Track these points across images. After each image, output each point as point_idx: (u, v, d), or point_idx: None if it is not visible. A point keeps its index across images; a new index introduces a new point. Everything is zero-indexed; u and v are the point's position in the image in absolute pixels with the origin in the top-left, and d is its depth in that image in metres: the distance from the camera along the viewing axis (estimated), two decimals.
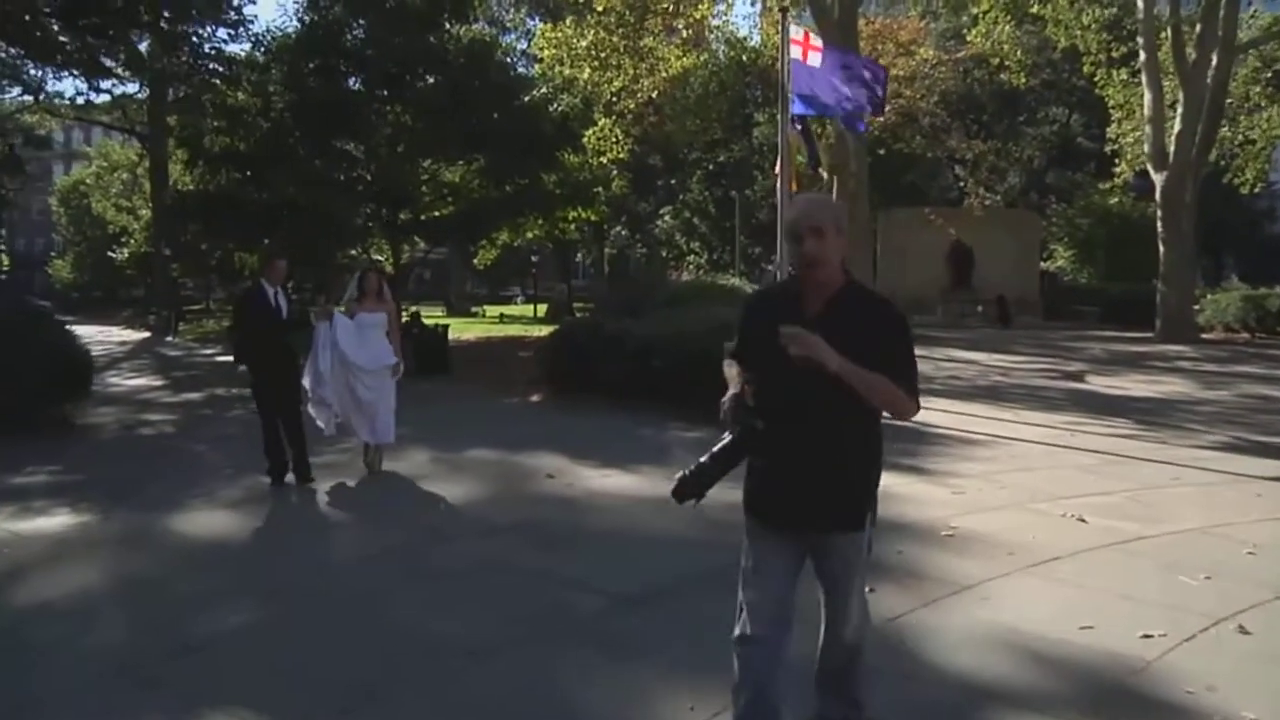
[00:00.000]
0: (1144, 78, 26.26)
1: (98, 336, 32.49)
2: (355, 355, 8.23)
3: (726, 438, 3.12)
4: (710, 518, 4.09)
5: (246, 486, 8.05)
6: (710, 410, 3.42)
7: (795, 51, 12.93)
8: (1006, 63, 30.32)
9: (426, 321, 21.72)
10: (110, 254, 52.82)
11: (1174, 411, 12.44)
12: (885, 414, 3.25)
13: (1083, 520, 6.61)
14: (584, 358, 13.15)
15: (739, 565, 3.25)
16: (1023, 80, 31.68)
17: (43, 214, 71.97)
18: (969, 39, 31.80)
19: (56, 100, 41.98)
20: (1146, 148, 26.73)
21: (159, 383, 18.08)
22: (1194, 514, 6.84)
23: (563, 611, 4.94)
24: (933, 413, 12.14)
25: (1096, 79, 30.08)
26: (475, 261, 46.94)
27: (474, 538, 6.47)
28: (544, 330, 20.90)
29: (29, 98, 40.68)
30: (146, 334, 36.53)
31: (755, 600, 3.14)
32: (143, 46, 26.79)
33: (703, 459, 3.10)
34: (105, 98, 36.83)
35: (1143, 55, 26.17)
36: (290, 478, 8.02)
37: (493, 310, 50.22)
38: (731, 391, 3.19)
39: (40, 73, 33.70)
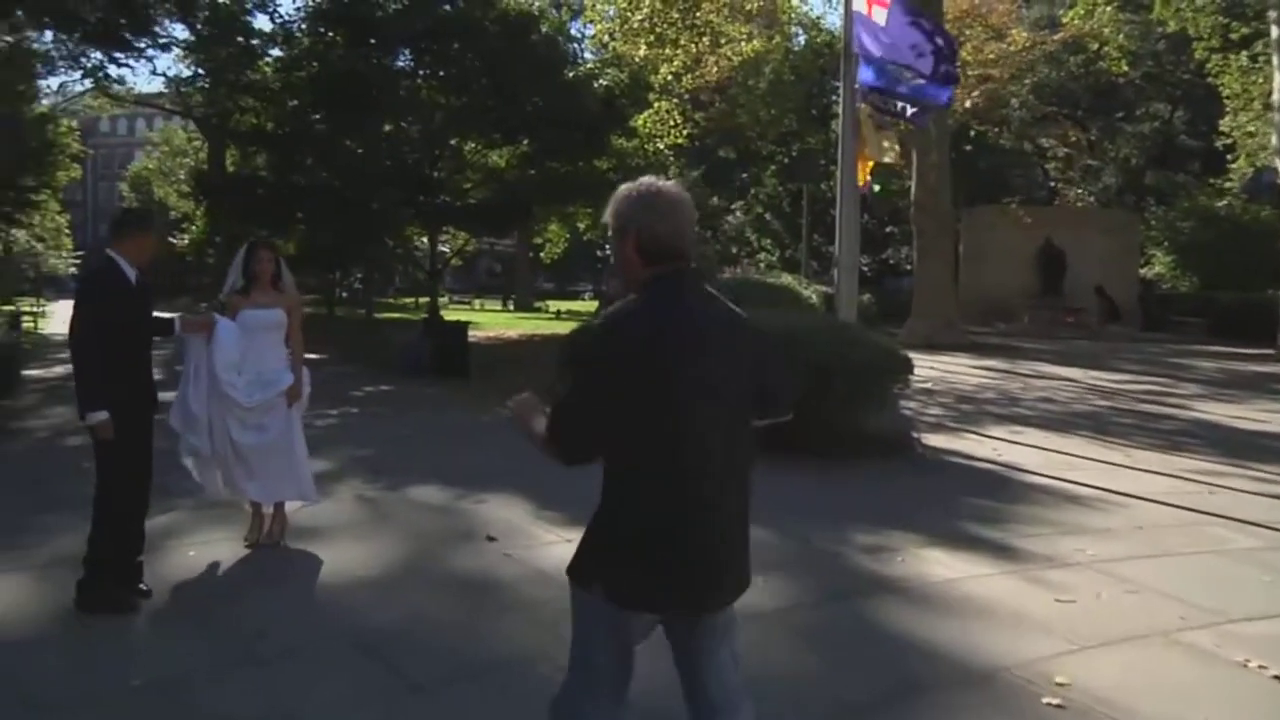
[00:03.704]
0: (1275, 58, 23.04)
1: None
2: (228, 376, 5.70)
3: None
4: None
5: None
6: None
7: (859, 3, 10.65)
8: (1106, 48, 27.55)
9: (447, 318, 19.79)
10: (170, 240, 52.35)
11: None
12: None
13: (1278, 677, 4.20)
14: None
15: None
16: (1124, 68, 28.84)
17: (120, 201, 72.10)
18: (1065, 21, 28.94)
19: (116, 86, 41.11)
20: (1275, 139, 23.57)
21: (158, 377, 16.34)
22: None
23: None
24: (1021, 449, 9.73)
25: (1209, 66, 27.11)
26: (542, 255, 45.42)
27: (302, 662, 4.27)
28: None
29: (89, 82, 39.92)
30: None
31: None
32: (180, 30, 25.35)
33: None
34: (158, 82, 35.77)
35: (1275, 31, 22.94)
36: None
37: (559, 306, 48.23)
38: None
39: (100, 57, 32.71)
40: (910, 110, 11.04)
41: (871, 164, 12.45)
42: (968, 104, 27.68)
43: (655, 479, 2.44)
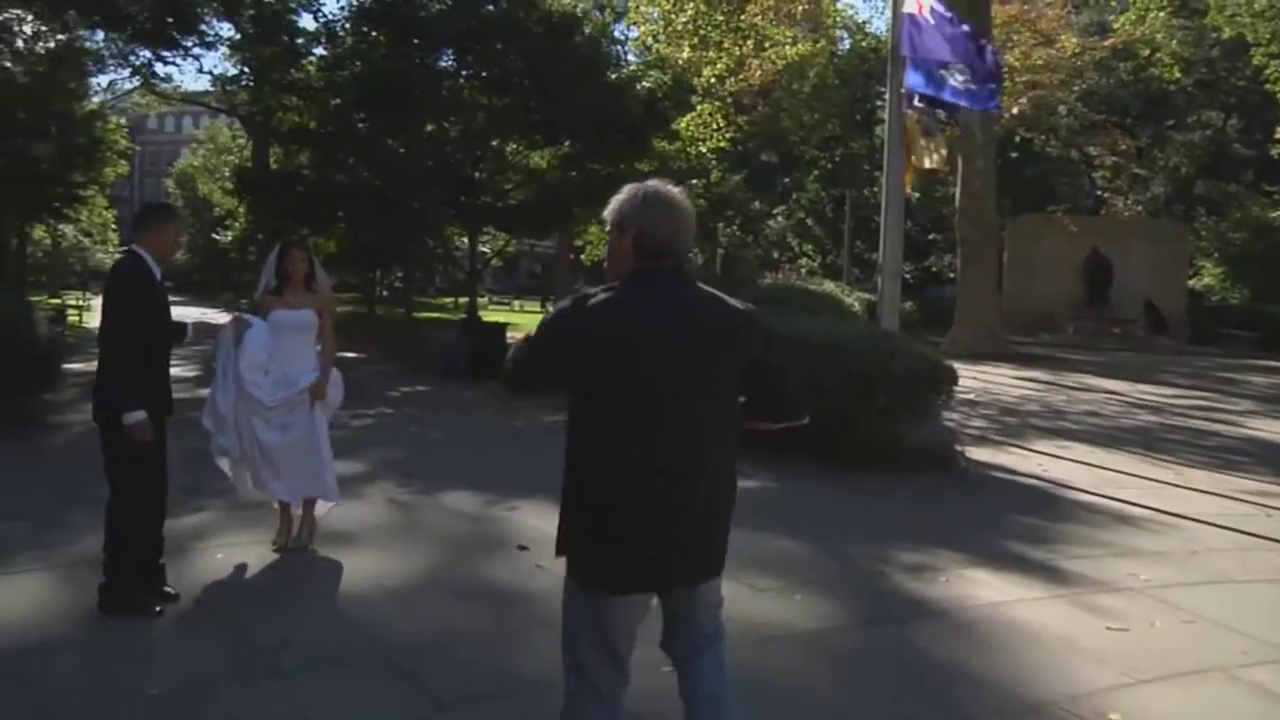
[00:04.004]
0: None
1: (186, 319, 31.62)
2: (253, 376, 5.63)
3: None
4: None
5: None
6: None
7: (910, 3, 10.42)
8: (1158, 55, 27.05)
9: (486, 319, 19.73)
10: (214, 236, 53.04)
11: None
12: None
13: None
14: None
15: None
16: (1176, 75, 28.31)
17: (165, 197, 72.97)
18: (1116, 26, 28.43)
19: (163, 84, 41.53)
20: None
21: (191, 374, 16.35)
22: None
23: None
24: (1068, 465, 9.47)
25: (1267, 72, 26.53)
26: (582, 257, 45.33)
27: (319, 670, 4.16)
28: None
29: (137, 80, 40.35)
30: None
31: None
32: (226, 29, 25.54)
33: None
34: (204, 80, 36.16)
35: None
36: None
37: None
38: None
39: (148, 55, 33.09)
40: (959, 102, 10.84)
41: (915, 169, 12.23)
42: (1015, 110, 27.26)
43: (607, 453, 2.57)
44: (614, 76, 21.02)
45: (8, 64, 26.19)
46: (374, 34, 20.66)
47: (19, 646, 4.31)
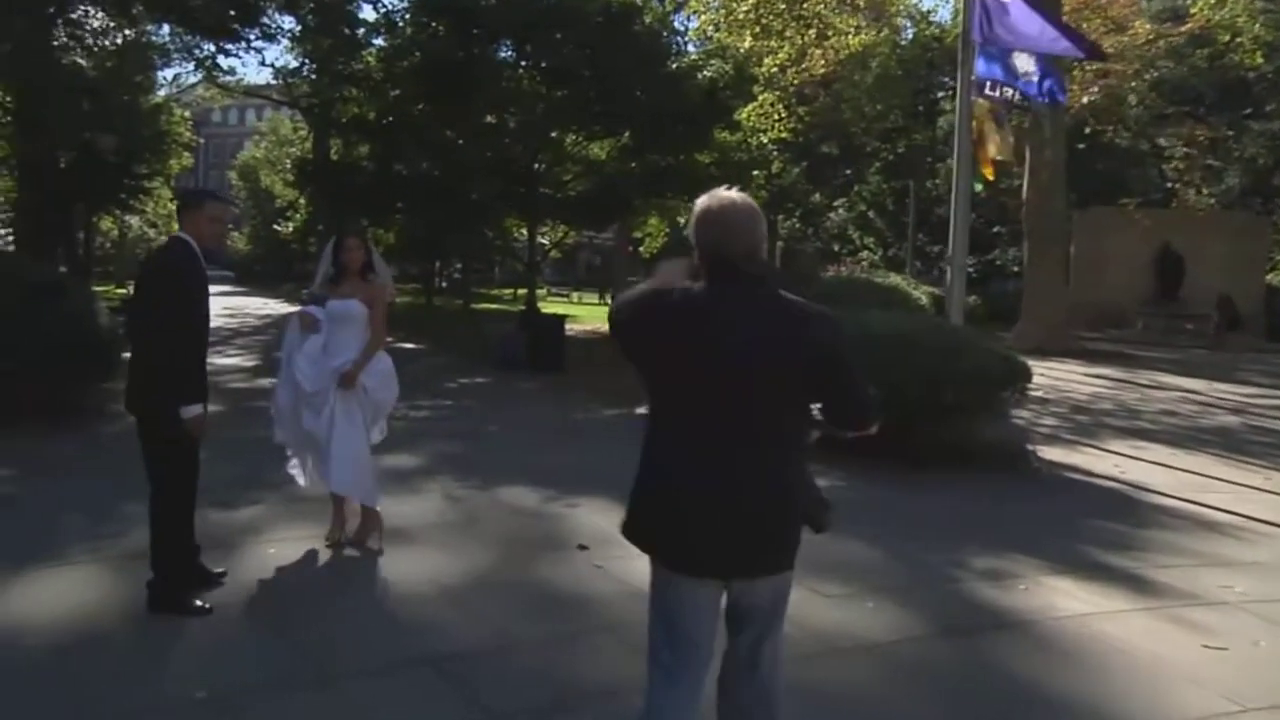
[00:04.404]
0: None
1: (249, 308, 32.05)
2: (303, 364, 5.60)
3: None
4: None
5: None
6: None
7: None
8: (1238, 40, 26.09)
9: (545, 311, 19.60)
10: (275, 228, 53.67)
11: None
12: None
13: None
14: None
15: None
16: (1258, 61, 27.28)
17: (229, 188, 74.07)
18: (1194, 11, 27.48)
19: (226, 76, 42.07)
20: None
21: (251, 363, 16.42)
22: None
23: None
24: (1146, 466, 9.09)
25: None
26: (642, 249, 45.12)
27: (367, 677, 3.96)
28: None
29: (201, 73, 40.91)
30: (297, 308, 35.91)
31: None
32: (288, 21, 25.72)
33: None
34: (266, 73, 36.57)
35: None
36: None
37: None
38: None
39: (211, 48, 33.56)
40: (1044, 93, 10.51)
41: (984, 160, 11.88)
42: (1085, 100, 26.51)
43: (668, 442, 2.73)
44: (674, 66, 20.74)
45: (78, 59, 26.60)
46: (434, 24, 20.59)
47: (70, 644, 4.19)
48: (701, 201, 2.82)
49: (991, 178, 11.44)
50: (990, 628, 4.77)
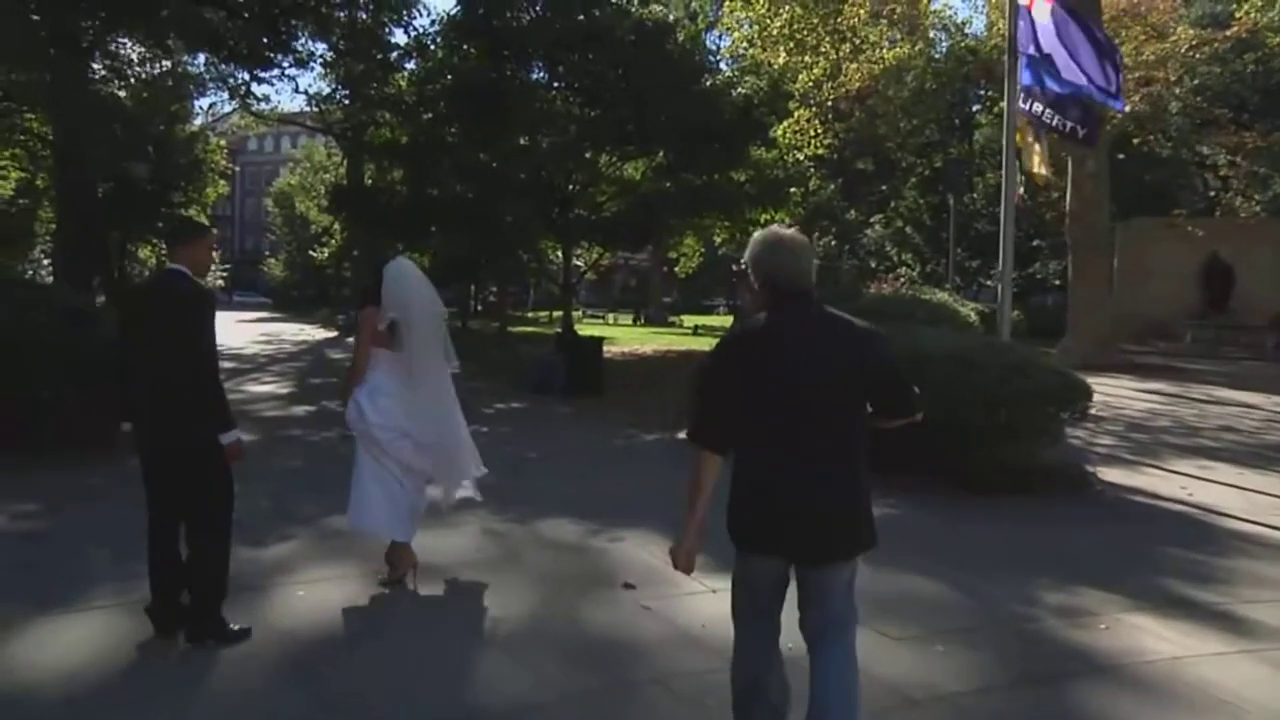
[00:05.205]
0: None
1: (284, 334, 32.09)
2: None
3: None
4: None
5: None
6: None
7: None
8: None
9: (581, 333, 19.34)
10: (311, 254, 54.08)
11: None
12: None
13: None
14: None
15: None
16: None
17: (266, 215, 74.68)
18: (1239, 15, 26.92)
19: (260, 104, 42.39)
20: None
21: (285, 390, 16.27)
22: None
23: None
24: (1215, 488, 8.65)
25: None
26: (677, 270, 44.90)
27: None
28: None
29: (235, 102, 41.26)
30: (334, 334, 35.87)
31: None
32: (319, 48, 25.82)
33: None
34: (300, 101, 36.77)
35: None
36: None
37: (692, 321, 47.28)
38: None
39: (245, 76, 33.85)
40: (1078, 128, 10.13)
41: (1028, 172, 11.56)
42: (1128, 108, 25.99)
43: (751, 445, 3.08)
44: (708, 84, 20.53)
45: (116, 90, 26.81)
46: (465, 47, 20.53)
47: (83, 694, 3.95)
48: (766, 237, 3.21)
49: (1038, 185, 11.07)
50: (1073, 674, 4.40)
